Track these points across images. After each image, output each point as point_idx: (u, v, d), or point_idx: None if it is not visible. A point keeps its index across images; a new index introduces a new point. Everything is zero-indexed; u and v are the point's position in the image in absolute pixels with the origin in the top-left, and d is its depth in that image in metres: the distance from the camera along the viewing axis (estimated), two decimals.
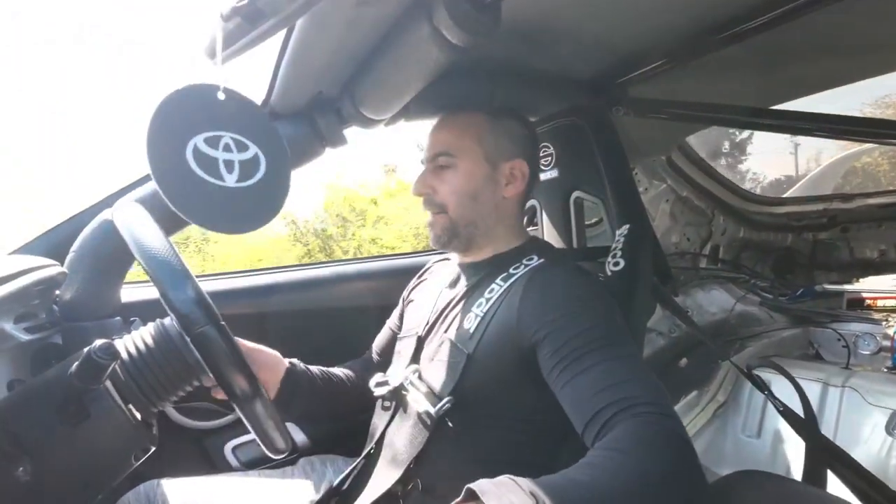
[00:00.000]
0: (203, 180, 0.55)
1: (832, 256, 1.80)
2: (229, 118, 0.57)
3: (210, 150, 0.56)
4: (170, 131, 0.55)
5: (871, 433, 1.22)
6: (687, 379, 1.56)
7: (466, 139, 0.79)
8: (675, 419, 0.53)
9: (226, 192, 0.56)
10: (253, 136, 0.58)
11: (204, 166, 0.55)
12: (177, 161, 0.54)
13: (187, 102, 0.56)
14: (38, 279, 0.72)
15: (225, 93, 0.56)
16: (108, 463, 0.57)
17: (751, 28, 0.77)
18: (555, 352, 0.62)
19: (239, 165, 0.57)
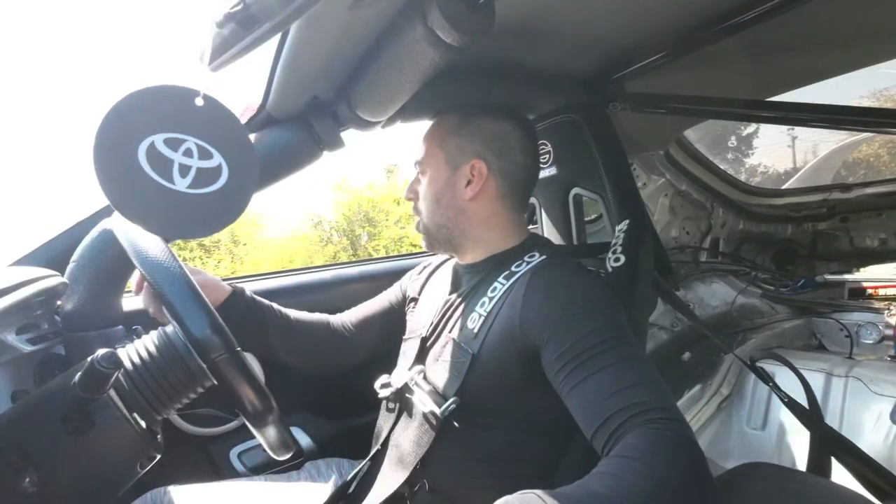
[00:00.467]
0: (149, 178, 0.52)
1: (832, 246, 1.80)
2: (201, 125, 0.55)
3: (167, 150, 0.53)
4: (129, 122, 0.52)
5: (875, 422, 1.22)
6: (690, 373, 1.56)
7: (432, 145, 0.81)
8: (683, 423, 0.53)
9: (171, 194, 0.53)
10: (222, 148, 0.56)
11: (154, 165, 0.53)
12: (126, 153, 0.52)
13: (159, 99, 0.54)
14: (40, 290, 0.72)
15: (204, 99, 0.55)
16: (114, 472, 0.57)
17: (745, 20, 0.77)
18: (559, 355, 0.61)
19: (195, 172, 0.55)
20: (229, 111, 0.57)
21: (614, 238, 0.85)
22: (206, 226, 0.55)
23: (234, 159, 0.56)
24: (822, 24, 0.83)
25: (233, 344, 0.57)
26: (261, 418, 0.57)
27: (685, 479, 0.48)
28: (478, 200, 0.78)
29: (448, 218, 0.79)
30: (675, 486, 0.47)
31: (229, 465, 1.07)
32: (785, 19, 0.75)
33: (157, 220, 0.53)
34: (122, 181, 0.52)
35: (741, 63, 0.98)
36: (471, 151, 0.78)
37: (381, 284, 1.06)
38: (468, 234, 0.79)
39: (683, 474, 0.49)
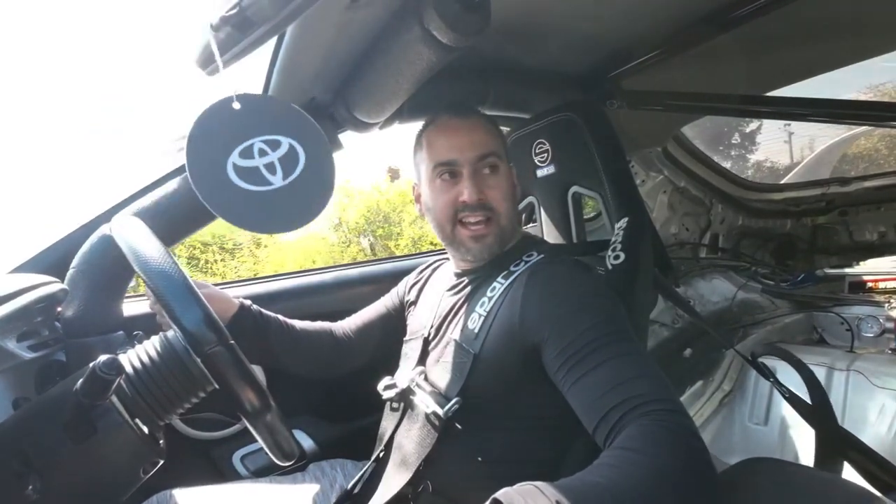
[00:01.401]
0: (254, 192, 0.57)
1: (832, 240, 1.80)
2: (251, 123, 0.58)
3: (247, 161, 0.58)
4: (207, 163, 0.57)
5: (877, 415, 1.22)
6: (692, 369, 1.56)
7: (500, 139, 0.79)
8: (684, 415, 0.53)
9: (279, 192, 0.58)
10: (280, 129, 0.60)
11: (249, 179, 0.58)
12: (225, 186, 0.57)
13: (210, 126, 0.58)
14: (40, 297, 0.72)
15: (238, 100, 0.58)
16: (117, 478, 0.57)
17: (741, 16, 0.77)
18: (560, 352, 0.62)
19: (279, 163, 0.59)
20: (262, 96, 0.61)
21: (614, 236, 0.85)
22: (319, 199, 0.61)
23: (296, 134, 0.62)
24: (818, 18, 0.83)
25: (227, 337, 0.56)
26: (258, 414, 0.56)
27: (684, 468, 0.48)
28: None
29: (514, 220, 0.80)
30: (674, 475, 0.47)
31: (232, 469, 1.07)
32: (781, 14, 0.75)
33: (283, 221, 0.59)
34: (237, 206, 0.57)
35: (737, 59, 0.98)
36: (507, 155, 0.80)
37: (381, 286, 1.06)
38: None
39: (683, 464, 0.49)
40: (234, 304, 0.83)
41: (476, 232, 0.75)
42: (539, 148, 1.00)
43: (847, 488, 0.55)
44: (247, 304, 0.85)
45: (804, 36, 0.91)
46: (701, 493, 0.49)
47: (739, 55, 0.97)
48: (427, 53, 0.63)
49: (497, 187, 0.75)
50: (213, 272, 5.66)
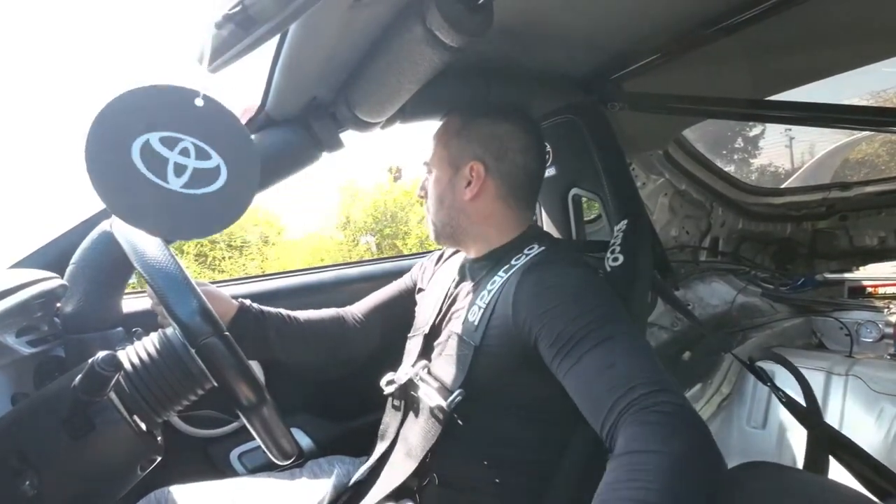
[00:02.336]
0: (142, 176, 0.51)
1: (832, 245, 1.79)
2: (200, 125, 0.53)
3: (163, 149, 0.52)
4: (125, 119, 0.51)
5: (876, 420, 1.22)
6: (691, 372, 1.56)
7: (438, 146, 0.83)
8: (675, 393, 0.54)
9: (165, 193, 0.52)
10: (221, 150, 0.54)
11: (149, 163, 0.51)
12: (120, 150, 0.50)
13: (157, 98, 0.52)
14: (39, 292, 0.72)
15: (204, 100, 0.53)
16: (114, 474, 0.57)
17: (743, 20, 0.77)
18: (552, 343, 0.63)
19: (192, 172, 0.53)
20: (230, 112, 0.56)
21: (613, 237, 0.85)
22: (202, 227, 0.54)
23: (233, 161, 0.55)
24: (820, 23, 0.83)
25: (221, 328, 0.56)
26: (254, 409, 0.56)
27: (694, 453, 0.49)
28: (477, 200, 0.80)
29: (451, 216, 0.82)
30: (688, 463, 0.48)
31: (230, 467, 1.07)
32: (783, 18, 0.75)
33: (149, 219, 0.52)
34: (115, 179, 0.50)
35: (740, 62, 0.99)
36: (470, 153, 0.79)
37: (381, 286, 1.06)
38: (469, 232, 0.82)
39: (690, 448, 0.49)
40: (234, 305, 0.83)
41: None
42: None
43: (844, 493, 0.55)
44: (246, 303, 0.85)
45: (806, 40, 0.91)
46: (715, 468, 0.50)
47: (742, 59, 0.97)
48: (429, 54, 0.63)
49: (430, 188, 0.84)
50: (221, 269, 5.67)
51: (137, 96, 0.51)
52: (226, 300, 0.82)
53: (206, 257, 5.74)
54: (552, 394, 0.68)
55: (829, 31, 0.88)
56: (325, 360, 0.95)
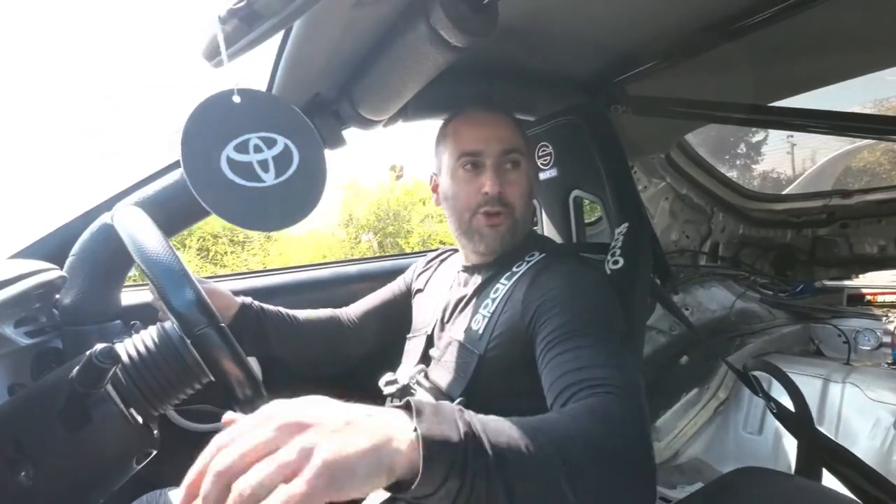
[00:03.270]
0: (245, 187, 0.57)
1: (832, 252, 1.80)
2: (250, 119, 0.58)
3: (241, 156, 0.57)
4: (201, 152, 0.56)
5: (871, 428, 1.22)
6: (688, 376, 1.56)
7: (525, 138, 0.80)
8: (634, 403, 0.52)
9: (270, 191, 0.58)
10: (277, 128, 0.59)
11: (242, 174, 0.57)
12: (217, 178, 0.56)
13: (208, 117, 0.57)
14: (38, 283, 0.72)
15: (239, 94, 0.57)
16: (110, 467, 0.57)
17: (747, 25, 0.77)
18: (544, 337, 0.63)
19: (273, 161, 0.58)
20: (263, 93, 0.61)
21: (613, 241, 0.85)
22: (309, 200, 0.61)
23: (292, 134, 0.62)
24: (824, 29, 0.83)
25: (217, 319, 0.56)
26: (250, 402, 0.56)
27: (611, 446, 0.46)
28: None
29: (529, 217, 0.81)
30: (597, 449, 0.45)
31: None
32: (787, 25, 0.75)
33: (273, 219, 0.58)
34: (227, 200, 0.56)
35: (743, 68, 0.98)
36: (528, 154, 0.81)
37: (380, 284, 1.06)
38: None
39: (611, 441, 0.46)
40: (236, 302, 0.83)
41: (493, 221, 0.76)
42: (542, 151, 1.01)
43: (839, 500, 0.55)
44: (247, 301, 0.85)
45: (810, 47, 0.91)
46: (624, 474, 0.46)
47: (745, 64, 0.97)
48: (433, 53, 0.63)
49: (517, 183, 0.77)
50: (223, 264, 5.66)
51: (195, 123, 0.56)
52: (227, 297, 0.82)
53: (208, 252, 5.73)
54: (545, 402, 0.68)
55: (833, 39, 0.88)
56: (322, 358, 0.95)
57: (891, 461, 1.17)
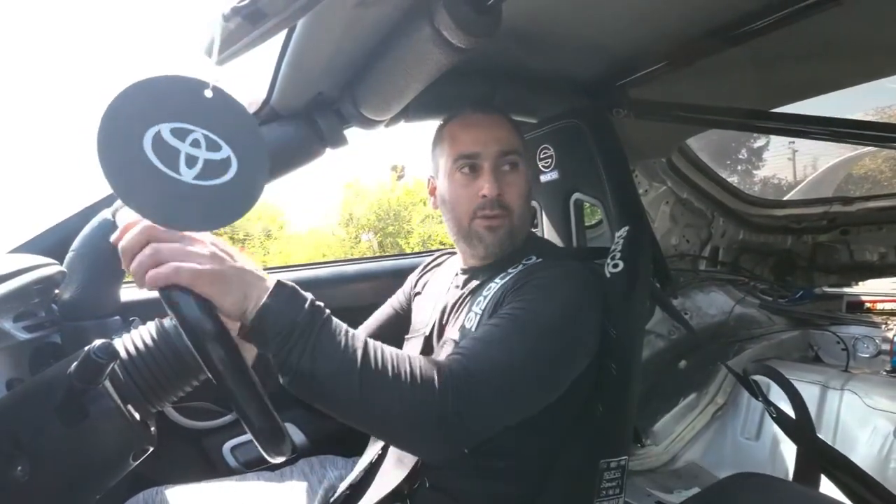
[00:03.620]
0: (154, 168, 0.51)
1: (832, 259, 1.80)
2: (210, 116, 0.53)
3: (174, 140, 0.52)
4: (136, 110, 0.51)
5: (869, 436, 1.22)
6: (686, 381, 1.56)
7: (522, 140, 0.80)
8: (469, 382, 0.55)
9: (177, 185, 0.52)
10: (231, 141, 0.54)
11: (160, 154, 0.51)
12: (131, 141, 0.50)
13: (167, 88, 0.52)
14: (38, 278, 0.72)
15: (213, 91, 0.53)
16: (107, 463, 0.56)
17: (750, 31, 0.77)
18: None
19: (203, 163, 0.53)
20: (240, 104, 0.56)
21: (613, 244, 0.85)
22: (212, 218, 0.54)
23: (243, 153, 0.55)
24: (827, 36, 0.84)
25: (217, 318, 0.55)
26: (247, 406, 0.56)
27: (422, 401, 0.53)
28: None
29: (528, 220, 0.81)
30: (407, 399, 0.52)
31: (222, 460, 1.07)
32: (790, 31, 0.75)
33: (161, 210, 0.51)
34: (127, 169, 0.50)
35: (746, 73, 0.99)
36: (526, 157, 0.80)
37: (379, 283, 1.06)
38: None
39: (425, 396, 0.53)
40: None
41: (491, 223, 0.76)
42: (543, 153, 1.01)
43: None
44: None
45: (813, 54, 0.91)
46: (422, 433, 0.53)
47: (748, 70, 0.97)
48: (436, 53, 0.63)
49: (515, 185, 0.77)
50: None
51: (148, 86, 0.51)
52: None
53: None
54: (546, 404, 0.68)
55: (835, 46, 0.88)
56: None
57: (888, 469, 1.17)
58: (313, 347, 0.50)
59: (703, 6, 0.77)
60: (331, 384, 0.51)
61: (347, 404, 0.52)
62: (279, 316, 0.50)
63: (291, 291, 0.52)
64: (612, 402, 0.75)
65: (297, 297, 0.52)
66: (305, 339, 0.50)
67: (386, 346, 0.55)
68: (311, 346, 0.50)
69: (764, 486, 0.63)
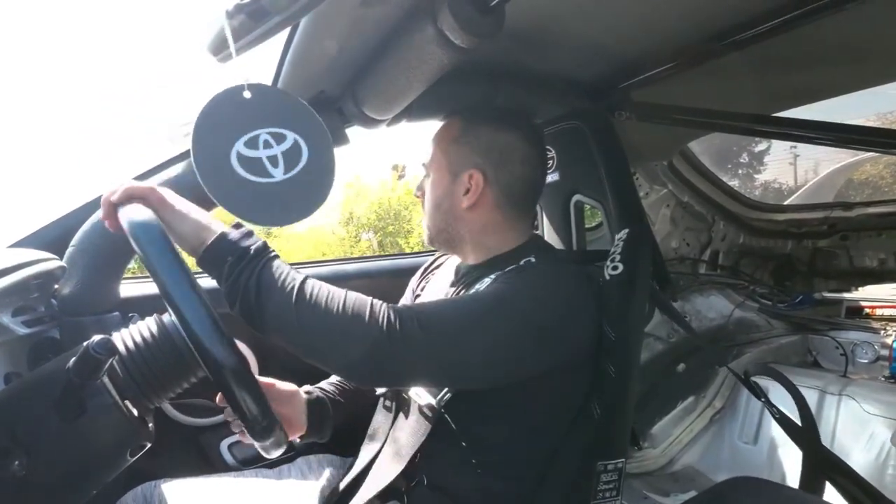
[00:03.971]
0: (254, 183, 0.58)
1: (832, 264, 1.80)
2: (260, 114, 0.58)
3: (251, 151, 0.58)
4: (211, 148, 0.57)
5: (866, 441, 1.22)
6: (685, 384, 1.56)
7: (437, 150, 0.81)
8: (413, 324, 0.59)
9: (278, 186, 0.58)
10: (287, 124, 0.59)
11: (251, 169, 0.58)
12: (226, 174, 0.57)
13: (219, 113, 0.57)
14: (37, 272, 0.72)
15: (249, 90, 0.58)
16: (104, 458, 0.57)
17: (753, 36, 0.77)
18: None
19: (282, 157, 0.59)
20: (273, 88, 0.61)
21: (613, 246, 0.85)
22: (316, 197, 0.62)
23: (302, 129, 0.60)
24: (830, 42, 0.84)
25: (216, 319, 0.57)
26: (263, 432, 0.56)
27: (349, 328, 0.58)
28: (475, 209, 0.78)
29: (447, 223, 0.80)
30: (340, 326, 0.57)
31: (219, 457, 1.07)
32: (793, 36, 0.75)
33: (280, 215, 0.59)
34: (237, 196, 0.58)
35: (748, 77, 0.99)
36: (470, 161, 0.77)
37: (378, 282, 1.06)
38: (466, 239, 0.80)
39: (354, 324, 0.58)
40: (302, 398, 0.81)
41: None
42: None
43: None
44: (310, 392, 0.83)
45: (815, 59, 0.91)
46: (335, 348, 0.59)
47: (750, 74, 0.97)
48: (439, 54, 0.63)
49: (427, 190, 0.82)
50: None
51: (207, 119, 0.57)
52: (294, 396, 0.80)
53: None
54: (537, 399, 0.69)
55: (837, 51, 0.88)
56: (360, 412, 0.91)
57: (885, 475, 1.17)
58: (260, 271, 0.57)
59: (707, 10, 0.77)
60: (274, 304, 0.57)
61: (287, 323, 0.57)
62: (234, 244, 0.58)
63: (246, 230, 0.60)
64: (609, 404, 0.75)
65: (250, 233, 0.60)
66: (255, 264, 0.57)
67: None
68: (259, 270, 0.57)
69: (760, 490, 0.63)
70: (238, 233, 0.60)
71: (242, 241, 0.59)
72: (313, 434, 0.80)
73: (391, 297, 1.01)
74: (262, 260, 0.58)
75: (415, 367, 0.61)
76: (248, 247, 0.58)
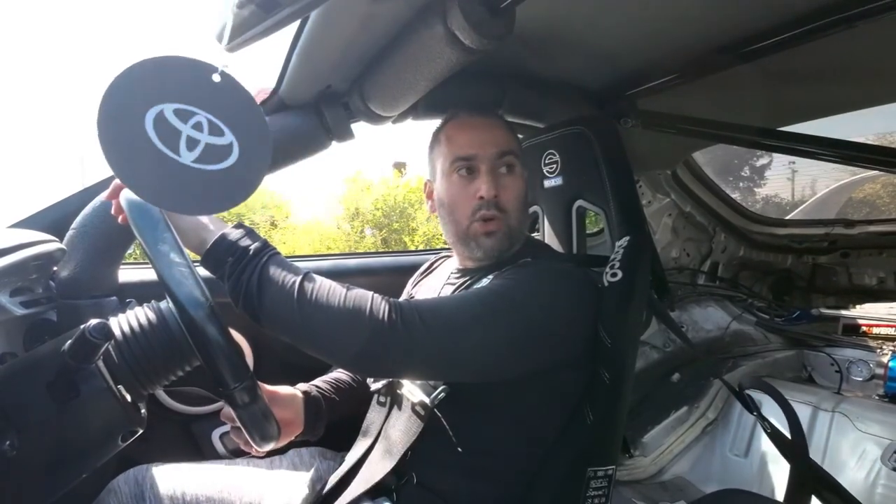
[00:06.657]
0: (153, 148, 0.50)
1: (831, 281, 1.80)
2: (215, 101, 0.53)
3: (177, 121, 0.51)
4: (141, 87, 0.50)
5: (857, 459, 1.22)
6: (678, 394, 1.56)
7: (518, 143, 0.80)
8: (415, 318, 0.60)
9: (175, 166, 0.51)
10: (235, 128, 0.54)
11: (162, 134, 0.50)
12: (133, 118, 0.50)
13: (174, 69, 0.51)
14: (37, 254, 0.72)
15: (222, 76, 0.52)
16: (95, 442, 0.57)
17: (760, 49, 0.77)
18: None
19: (204, 147, 0.52)
20: (247, 92, 0.55)
21: (613, 253, 0.85)
22: (206, 203, 0.53)
23: (246, 141, 0.54)
24: (836, 59, 0.84)
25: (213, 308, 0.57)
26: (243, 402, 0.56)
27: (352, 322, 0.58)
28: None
29: (525, 223, 0.82)
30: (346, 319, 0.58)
31: (210, 446, 1.07)
32: (800, 52, 0.75)
33: (155, 190, 0.51)
34: (125, 146, 0.50)
35: (754, 90, 0.99)
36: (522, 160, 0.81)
37: (378, 279, 1.06)
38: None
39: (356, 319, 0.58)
40: (300, 399, 0.81)
41: (488, 227, 0.76)
42: (549, 158, 1.01)
43: None
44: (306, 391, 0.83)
45: (822, 75, 0.91)
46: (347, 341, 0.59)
47: (757, 87, 0.97)
48: (448, 53, 0.63)
49: (511, 187, 0.77)
50: None
51: (155, 65, 0.51)
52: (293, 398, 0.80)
53: None
54: (531, 400, 0.69)
55: (843, 69, 0.88)
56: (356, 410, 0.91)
57: (874, 493, 1.17)
58: (261, 270, 0.59)
59: (716, 22, 0.77)
60: (276, 301, 0.58)
61: (290, 318, 0.58)
62: (234, 244, 0.60)
63: (249, 228, 0.62)
64: (602, 411, 0.75)
65: (253, 232, 0.62)
66: (255, 263, 0.59)
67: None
68: (259, 269, 0.59)
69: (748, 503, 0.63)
70: (238, 232, 0.61)
71: (242, 241, 0.60)
72: (308, 433, 0.80)
73: (391, 293, 1.00)
74: (263, 258, 0.59)
75: (416, 357, 0.61)
76: (248, 246, 0.60)
